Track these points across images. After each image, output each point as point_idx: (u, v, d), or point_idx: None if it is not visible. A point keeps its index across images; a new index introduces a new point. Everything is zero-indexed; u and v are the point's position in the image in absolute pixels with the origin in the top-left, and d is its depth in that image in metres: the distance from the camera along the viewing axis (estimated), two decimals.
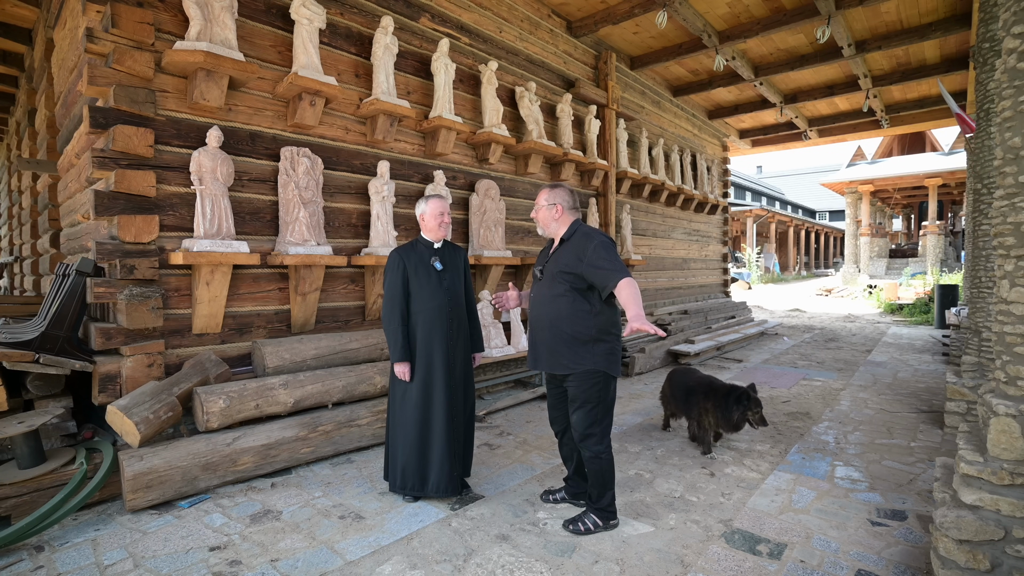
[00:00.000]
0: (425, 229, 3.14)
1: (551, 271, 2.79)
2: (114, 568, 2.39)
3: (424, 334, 3.00)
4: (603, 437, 2.72)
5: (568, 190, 2.89)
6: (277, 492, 3.19)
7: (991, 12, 4.42)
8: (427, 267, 3.05)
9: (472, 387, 3.18)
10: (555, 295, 2.74)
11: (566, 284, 2.70)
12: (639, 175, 7.67)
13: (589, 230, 2.79)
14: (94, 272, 3.27)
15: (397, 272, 3.01)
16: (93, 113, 3.18)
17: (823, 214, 52.38)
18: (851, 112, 10.65)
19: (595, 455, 2.71)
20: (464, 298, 3.18)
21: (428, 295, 3.01)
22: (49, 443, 3.19)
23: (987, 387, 2.28)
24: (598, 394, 2.70)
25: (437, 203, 3.10)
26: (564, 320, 2.70)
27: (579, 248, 2.69)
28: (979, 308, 4.50)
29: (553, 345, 2.74)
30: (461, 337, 3.11)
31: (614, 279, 2.56)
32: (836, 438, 4.12)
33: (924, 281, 16.93)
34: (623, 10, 6.15)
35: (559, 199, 2.84)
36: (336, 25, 4.34)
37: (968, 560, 1.93)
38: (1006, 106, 2.09)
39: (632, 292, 2.54)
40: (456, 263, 3.17)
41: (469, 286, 3.25)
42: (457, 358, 3.07)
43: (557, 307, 2.73)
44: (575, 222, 2.86)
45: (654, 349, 7.07)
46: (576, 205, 2.90)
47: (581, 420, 2.73)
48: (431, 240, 3.14)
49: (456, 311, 3.09)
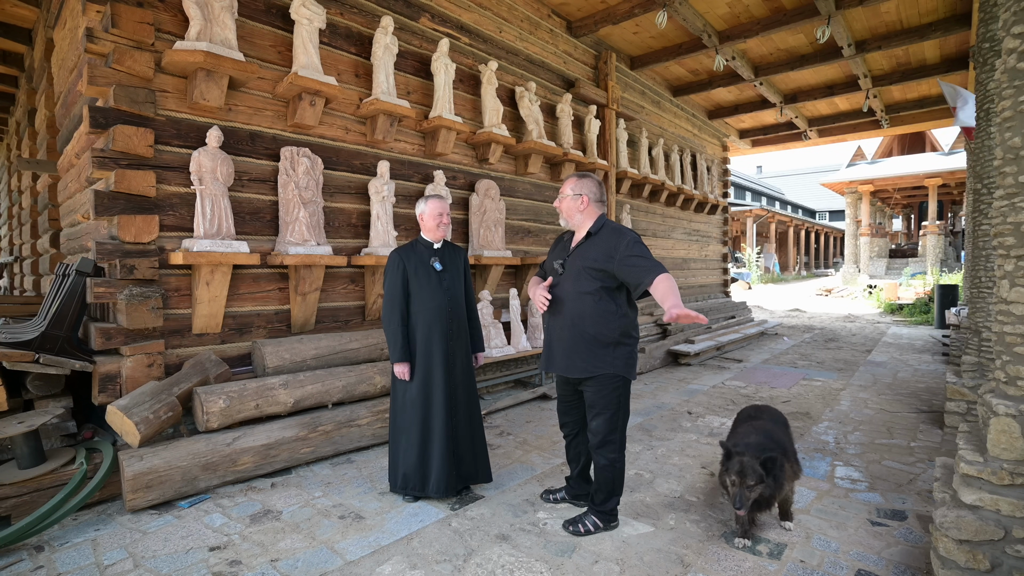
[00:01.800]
0: (424, 229, 3.14)
1: (576, 266, 2.63)
2: (114, 568, 2.39)
3: (424, 334, 3.00)
4: (622, 445, 2.68)
5: (596, 181, 2.75)
6: (277, 492, 3.19)
7: (991, 12, 4.43)
8: (427, 267, 3.05)
9: (474, 387, 3.18)
10: (581, 292, 2.60)
11: (595, 282, 2.57)
12: (639, 175, 7.67)
13: (618, 226, 2.66)
14: (94, 272, 3.27)
15: (397, 272, 3.01)
16: (93, 113, 3.18)
17: (823, 214, 52.38)
18: (851, 112, 10.65)
19: (611, 463, 2.65)
20: (464, 298, 3.18)
21: (428, 295, 3.01)
22: (49, 443, 3.19)
23: (987, 387, 2.28)
24: (617, 400, 2.63)
25: (436, 203, 3.09)
26: (587, 319, 2.58)
27: (610, 244, 2.56)
28: (979, 308, 4.50)
29: (572, 345, 2.62)
30: (461, 337, 3.11)
31: (651, 275, 2.42)
32: (836, 438, 4.12)
33: (924, 281, 16.94)
34: (623, 10, 6.15)
35: (585, 189, 2.70)
36: (336, 25, 4.34)
37: (968, 560, 1.93)
38: (1006, 106, 2.09)
39: (670, 285, 2.39)
40: (456, 263, 3.17)
41: (469, 286, 3.25)
42: (457, 358, 3.07)
43: (581, 305, 2.60)
44: (601, 216, 2.72)
45: (654, 349, 7.07)
46: (602, 198, 2.76)
47: (601, 427, 2.64)
48: (431, 240, 3.14)
49: (456, 311, 3.09)
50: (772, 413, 3.08)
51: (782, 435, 2.82)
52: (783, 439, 2.78)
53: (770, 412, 3.09)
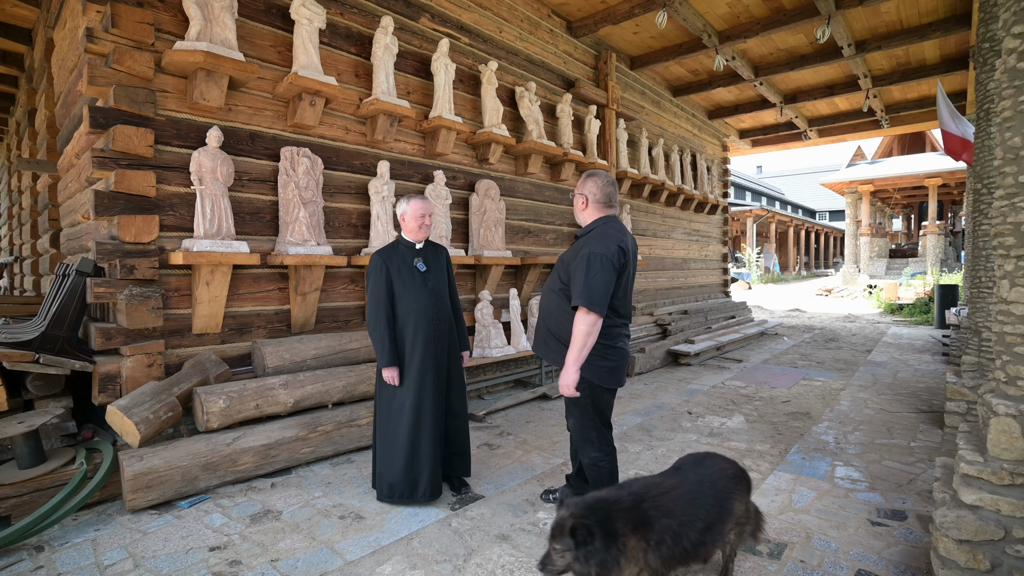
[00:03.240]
0: (406, 230, 3.08)
1: (557, 263, 2.74)
2: (114, 568, 2.39)
3: (411, 337, 2.95)
4: (602, 444, 2.67)
5: (601, 182, 2.65)
6: (277, 492, 3.19)
7: (991, 12, 4.43)
8: (411, 268, 3.00)
9: (463, 387, 3.17)
10: (551, 289, 2.73)
11: (559, 282, 2.66)
12: (639, 175, 7.67)
13: (604, 234, 2.53)
14: (94, 272, 3.27)
15: (380, 275, 2.94)
16: (93, 113, 3.18)
17: (823, 214, 52.37)
18: (851, 112, 10.65)
19: (592, 462, 2.67)
20: (449, 298, 3.15)
21: (413, 297, 2.96)
22: (49, 443, 3.19)
23: (987, 387, 2.28)
24: (584, 403, 2.59)
25: (419, 204, 3.04)
26: (551, 317, 2.68)
27: (578, 250, 2.56)
28: (979, 308, 4.50)
29: (546, 337, 2.75)
30: (448, 338, 3.08)
31: (576, 299, 2.39)
32: (836, 438, 4.12)
33: (924, 281, 16.93)
34: (623, 10, 6.15)
35: (586, 190, 2.67)
36: (336, 25, 4.34)
37: (968, 560, 1.93)
38: (1006, 106, 2.09)
39: (580, 330, 2.36)
40: (439, 263, 3.13)
41: (453, 286, 3.23)
42: (444, 359, 3.06)
43: (549, 302, 2.72)
44: (600, 219, 2.64)
45: (654, 349, 7.07)
46: (608, 200, 2.66)
47: (574, 426, 2.72)
48: (412, 241, 3.09)
49: (442, 312, 3.05)
50: (721, 467, 2.13)
51: (713, 499, 1.97)
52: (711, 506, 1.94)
53: (719, 465, 2.14)
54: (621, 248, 2.50)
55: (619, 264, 2.47)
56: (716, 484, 2.02)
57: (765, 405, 5.15)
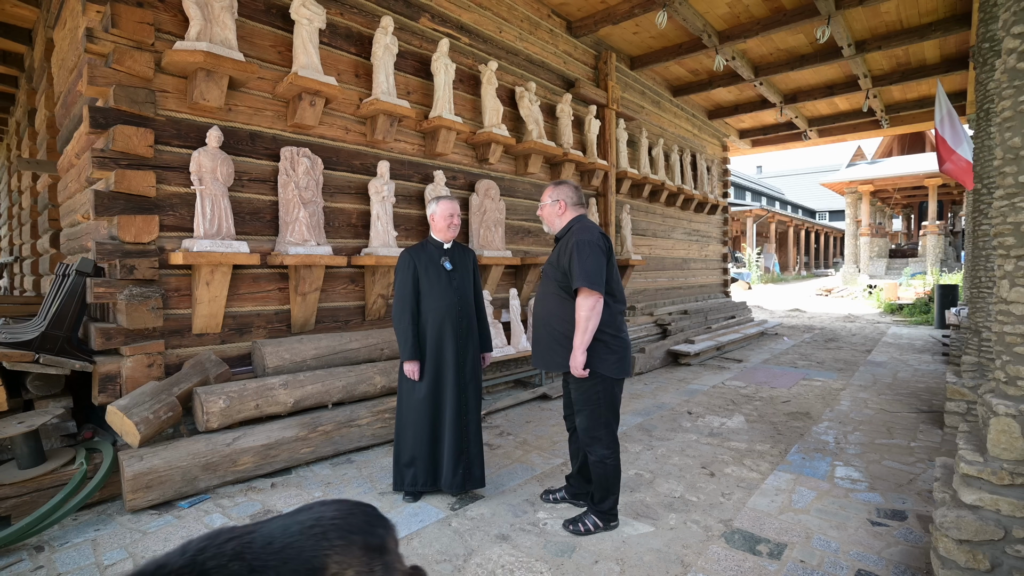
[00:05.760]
0: (435, 229, 3.17)
1: (545, 268, 2.83)
2: (114, 568, 2.39)
3: (434, 333, 3.02)
4: (610, 442, 2.70)
5: (572, 186, 2.88)
6: (277, 492, 3.19)
7: (991, 12, 4.42)
8: (437, 267, 3.08)
9: (480, 387, 3.20)
10: (547, 292, 2.78)
11: (555, 282, 2.71)
12: (639, 175, 7.67)
13: (583, 226, 2.72)
14: (94, 272, 3.27)
15: (408, 271, 3.04)
16: (93, 113, 3.18)
17: (823, 214, 52.38)
18: (851, 112, 10.65)
19: (600, 459, 2.69)
20: (473, 298, 3.20)
21: (438, 295, 3.03)
22: (49, 443, 3.19)
23: (987, 387, 2.28)
24: (596, 397, 2.67)
25: (447, 204, 3.13)
26: (555, 318, 2.71)
27: (565, 244, 2.70)
28: (979, 308, 4.50)
29: (548, 343, 2.75)
30: (471, 337, 3.13)
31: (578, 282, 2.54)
32: (836, 438, 4.12)
33: (924, 281, 16.94)
34: (623, 10, 6.15)
35: (562, 195, 2.83)
36: (336, 25, 4.34)
37: (968, 560, 1.93)
38: (1006, 106, 2.09)
39: (583, 313, 2.52)
40: (466, 264, 3.20)
41: (478, 287, 3.27)
42: (466, 357, 3.09)
43: (550, 304, 2.75)
44: (575, 218, 2.82)
45: (654, 349, 7.07)
46: (581, 201, 2.87)
47: (583, 423, 2.73)
48: (441, 240, 3.17)
49: (465, 311, 3.11)
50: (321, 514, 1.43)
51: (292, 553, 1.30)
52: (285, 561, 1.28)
53: (319, 512, 1.44)
54: (602, 234, 2.72)
55: (605, 248, 2.66)
56: (302, 534, 1.39)
57: (765, 405, 5.15)
